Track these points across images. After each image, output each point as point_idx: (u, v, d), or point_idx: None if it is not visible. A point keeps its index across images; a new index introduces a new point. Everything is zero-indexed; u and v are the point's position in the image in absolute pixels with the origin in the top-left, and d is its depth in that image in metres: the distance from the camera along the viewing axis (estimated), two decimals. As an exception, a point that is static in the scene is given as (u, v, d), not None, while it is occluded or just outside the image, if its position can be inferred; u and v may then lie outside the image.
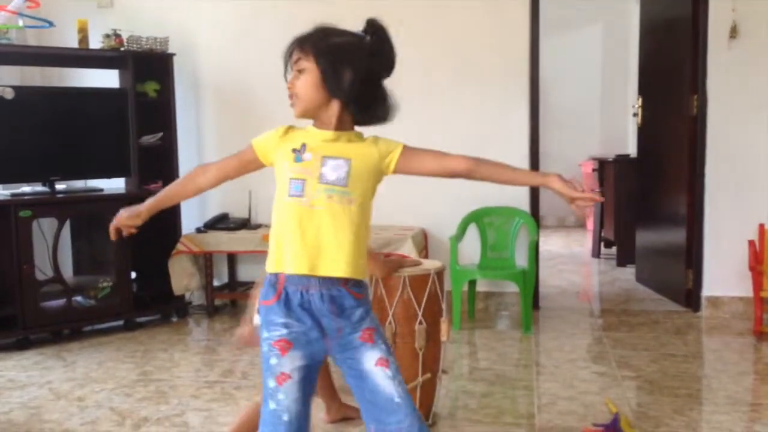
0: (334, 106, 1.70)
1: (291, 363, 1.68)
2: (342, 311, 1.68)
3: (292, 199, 1.67)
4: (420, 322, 2.69)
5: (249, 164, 1.81)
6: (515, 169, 1.80)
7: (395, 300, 2.69)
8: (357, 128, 1.75)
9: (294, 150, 1.70)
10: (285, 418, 1.68)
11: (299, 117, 1.73)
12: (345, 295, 1.68)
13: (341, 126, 1.71)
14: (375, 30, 1.73)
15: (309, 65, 1.69)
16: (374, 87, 1.73)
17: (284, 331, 1.68)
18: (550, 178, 1.75)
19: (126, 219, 1.91)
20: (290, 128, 1.74)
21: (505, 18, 4.54)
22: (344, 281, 1.68)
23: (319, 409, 3.00)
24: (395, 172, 1.75)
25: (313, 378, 1.74)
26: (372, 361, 1.70)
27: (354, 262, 1.68)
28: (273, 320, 1.69)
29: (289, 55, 1.74)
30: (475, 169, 1.77)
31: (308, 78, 1.69)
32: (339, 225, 1.67)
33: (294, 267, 1.66)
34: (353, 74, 1.68)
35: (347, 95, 1.69)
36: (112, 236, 1.93)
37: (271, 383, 1.68)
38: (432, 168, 1.78)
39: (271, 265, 1.70)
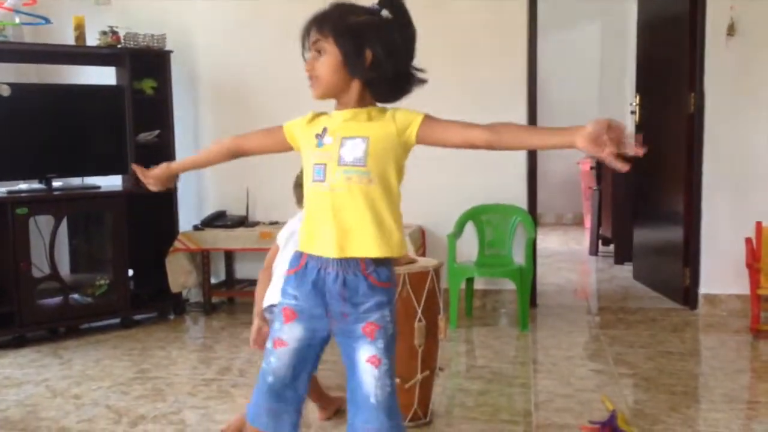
0: (355, 87, 1.69)
1: (290, 332, 1.72)
2: (352, 297, 1.68)
3: (315, 184, 1.70)
4: (419, 320, 2.69)
5: (279, 144, 1.84)
6: (538, 131, 1.72)
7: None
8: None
9: (316, 135, 1.72)
10: (269, 379, 1.73)
11: (319, 98, 1.72)
12: (361, 280, 1.68)
13: (361, 103, 1.71)
14: (391, 3, 1.69)
15: (329, 47, 1.67)
16: (395, 63, 1.70)
17: (293, 301, 1.72)
18: (576, 137, 1.50)
19: (159, 174, 1.93)
20: (317, 114, 1.77)
21: (504, 15, 4.53)
22: (365, 265, 1.68)
23: (312, 411, 3.00)
24: (418, 143, 1.71)
25: (310, 356, 1.75)
26: (365, 356, 1.70)
27: (377, 241, 1.67)
28: (287, 289, 1.75)
29: (306, 34, 1.70)
30: (496, 141, 1.66)
31: (328, 60, 1.67)
32: (360, 206, 1.66)
33: (318, 249, 1.69)
34: (374, 53, 1.66)
35: (368, 75, 1.67)
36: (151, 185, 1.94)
37: (269, 344, 1.75)
38: (454, 140, 1.70)
39: (300, 244, 1.74)
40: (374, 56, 1.66)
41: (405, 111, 1.71)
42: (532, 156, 4.58)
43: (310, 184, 1.71)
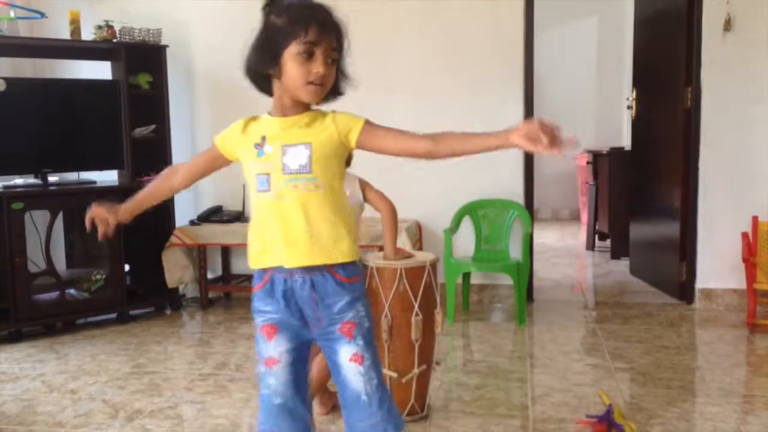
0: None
1: (278, 347, 1.71)
2: (323, 299, 1.67)
3: (260, 194, 1.67)
4: (416, 314, 2.69)
5: (216, 161, 1.81)
6: (478, 135, 1.63)
7: (391, 292, 2.68)
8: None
9: (256, 145, 1.67)
10: (277, 401, 1.71)
11: (316, 104, 1.68)
12: (329, 280, 1.67)
13: (298, 108, 1.66)
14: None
15: (337, 62, 1.65)
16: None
17: (269, 316, 1.71)
18: (512, 136, 1.52)
19: (100, 211, 1.92)
20: (249, 121, 1.72)
21: (500, 11, 4.52)
22: (328, 264, 1.67)
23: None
24: (357, 147, 1.68)
25: (304, 358, 1.75)
26: (347, 356, 1.69)
27: (332, 246, 1.65)
28: (259, 306, 1.73)
29: (322, 37, 1.59)
30: (435, 150, 1.63)
31: (333, 74, 1.64)
32: (310, 213, 1.64)
33: (275, 261, 1.67)
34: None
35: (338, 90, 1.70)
36: (88, 227, 1.92)
37: (262, 368, 1.72)
38: (392, 147, 1.67)
39: (253, 261, 1.71)
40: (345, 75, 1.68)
41: (345, 115, 1.67)
42: (528, 152, 4.57)
43: (255, 194, 1.68)
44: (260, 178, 1.66)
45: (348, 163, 2.44)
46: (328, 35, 1.60)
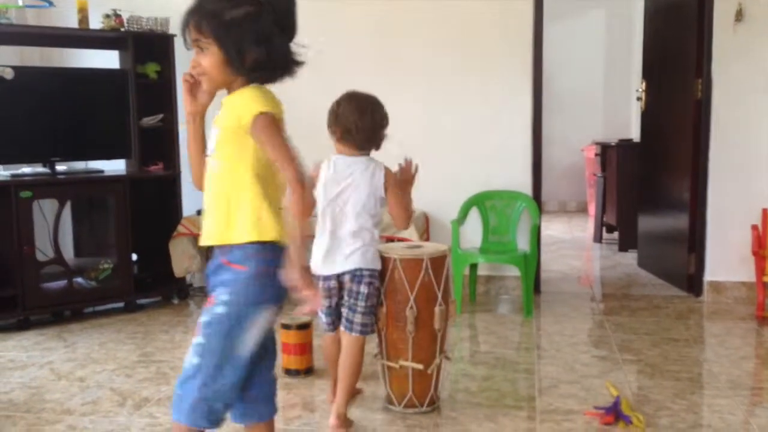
0: (239, 80, 1.72)
1: None
2: (209, 274, 1.80)
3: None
4: (440, 304, 2.68)
5: None
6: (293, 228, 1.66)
7: (417, 283, 2.65)
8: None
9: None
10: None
11: (211, 92, 1.77)
12: (217, 257, 1.77)
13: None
14: None
15: (210, 46, 1.66)
16: (277, 53, 1.68)
17: None
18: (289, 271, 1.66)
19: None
20: None
21: (510, 3, 4.49)
22: (217, 247, 1.76)
23: (320, 392, 3.01)
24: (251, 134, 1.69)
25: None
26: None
27: (219, 228, 1.73)
28: None
29: (185, 29, 1.67)
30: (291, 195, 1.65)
31: (211, 59, 1.67)
32: (210, 193, 1.75)
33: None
34: (257, 51, 1.65)
35: (251, 75, 1.69)
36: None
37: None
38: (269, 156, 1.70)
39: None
40: (257, 54, 1.65)
41: (248, 101, 1.67)
42: (537, 143, 4.56)
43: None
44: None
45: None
46: (188, 24, 1.67)
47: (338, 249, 2.56)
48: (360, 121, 2.54)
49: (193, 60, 1.71)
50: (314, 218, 2.52)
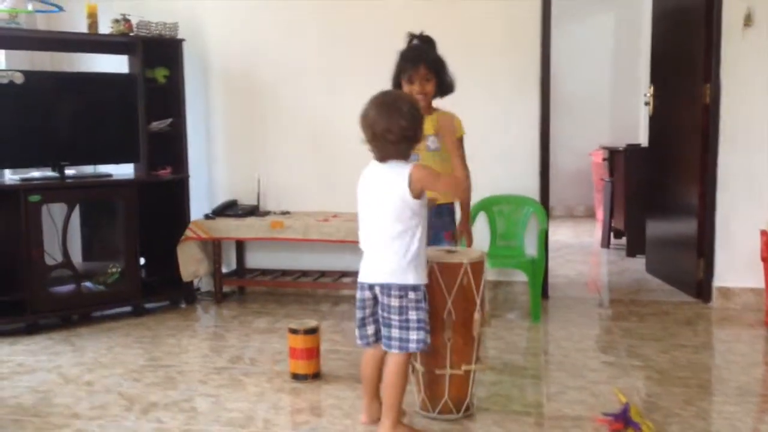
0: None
1: None
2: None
3: None
4: (478, 310, 2.67)
5: None
6: None
7: (455, 287, 2.62)
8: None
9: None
10: None
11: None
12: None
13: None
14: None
15: (432, 77, 3.08)
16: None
17: None
18: None
19: None
20: None
21: (518, 7, 4.49)
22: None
23: (328, 396, 3.00)
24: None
25: None
26: None
27: None
28: None
29: (413, 66, 3.06)
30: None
31: (431, 86, 3.09)
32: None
33: None
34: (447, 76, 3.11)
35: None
36: None
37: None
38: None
39: None
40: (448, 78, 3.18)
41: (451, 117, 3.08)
42: (544, 147, 4.55)
43: None
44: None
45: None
46: (420, 65, 3.10)
47: (371, 258, 2.52)
48: (376, 126, 2.44)
49: (422, 87, 3.09)
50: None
